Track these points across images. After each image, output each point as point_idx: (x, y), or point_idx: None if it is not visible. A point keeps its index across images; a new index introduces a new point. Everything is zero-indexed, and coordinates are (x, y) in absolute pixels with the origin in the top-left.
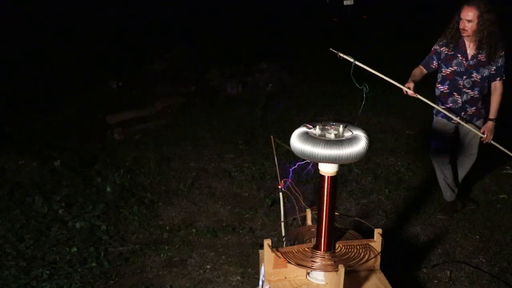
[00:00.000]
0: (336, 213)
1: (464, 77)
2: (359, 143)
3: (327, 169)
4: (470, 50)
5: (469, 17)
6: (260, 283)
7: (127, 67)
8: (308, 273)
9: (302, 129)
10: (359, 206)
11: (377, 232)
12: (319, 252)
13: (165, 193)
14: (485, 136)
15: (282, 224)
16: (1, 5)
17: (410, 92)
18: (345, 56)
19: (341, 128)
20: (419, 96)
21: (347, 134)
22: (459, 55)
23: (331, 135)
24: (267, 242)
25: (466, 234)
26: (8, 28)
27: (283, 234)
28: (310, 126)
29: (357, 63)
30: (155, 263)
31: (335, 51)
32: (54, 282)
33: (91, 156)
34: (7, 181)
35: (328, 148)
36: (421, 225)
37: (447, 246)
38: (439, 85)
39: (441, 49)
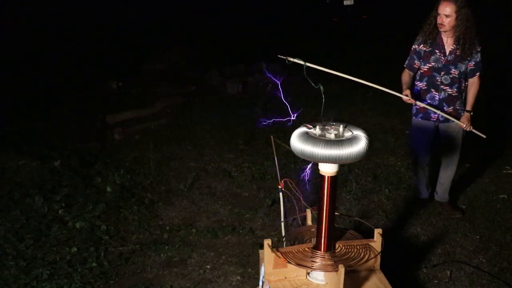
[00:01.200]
0: (336, 213)
1: (442, 73)
2: (359, 143)
3: (327, 169)
4: (448, 46)
5: (446, 12)
6: (260, 283)
7: (127, 67)
8: (308, 273)
9: (302, 129)
10: (359, 206)
11: (377, 232)
12: (319, 252)
13: (165, 193)
14: (465, 126)
15: (282, 224)
16: (1, 5)
17: (412, 100)
18: (294, 60)
19: (341, 128)
20: (418, 102)
21: (347, 134)
22: (436, 51)
23: (331, 135)
24: (267, 242)
25: (466, 234)
26: (8, 28)
27: (283, 234)
28: (310, 126)
29: (308, 64)
30: (155, 263)
31: (284, 57)
32: (54, 282)
33: (91, 156)
34: (7, 181)
35: (328, 148)
36: (421, 225)
37: (447, 246)
38: (418, 82)
39: (420, 47)
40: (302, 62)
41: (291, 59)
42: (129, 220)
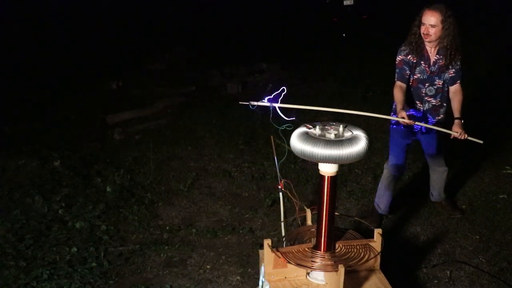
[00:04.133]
0: (336, 213)
1: (427, 84)
2: (359, 143)
3: (327, 169)
4: (432, 56)
5: (432, 22)
6: (260, 283)
7: (127, 67)
8: (308, 273)
9: (302, 129)
10: (359, 206)
11: (377, 232)
12: (319, 252)
13: (165, 193)
14: (459, 133)
15: (282, 224)
16: (1, 6)
17: (411, 122)
18: (258, 103)
19: (341, 128)
20: (417, 123)
21: (347, 134)
22: (422, 62)
23: (331, 135)
24: (267, 242)
25: (466, 234)
26: (8, 28)
27: (283, 234)
28: (310, 126)
29: (276, 105)
30: (155, 263)
31: (247, 103)
32: (54, 282)
33: (91, 156)
34: (7, 181)
35: (328, 148)
36: (421, 225)
37: (447, 246)
38: None
39: (408, 57)
40: (268, 104)
41: (255, 103)
42: (129, 220)
